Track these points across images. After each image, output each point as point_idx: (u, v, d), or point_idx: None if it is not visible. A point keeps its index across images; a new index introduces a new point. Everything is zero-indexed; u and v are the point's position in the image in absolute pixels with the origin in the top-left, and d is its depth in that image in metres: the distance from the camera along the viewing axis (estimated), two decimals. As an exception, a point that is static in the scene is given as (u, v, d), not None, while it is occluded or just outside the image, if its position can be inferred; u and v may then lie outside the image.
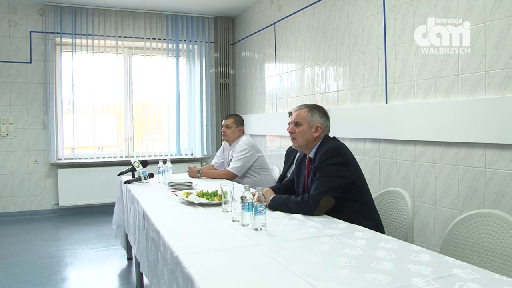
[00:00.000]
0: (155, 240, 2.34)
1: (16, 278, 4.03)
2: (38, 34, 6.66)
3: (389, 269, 1.62)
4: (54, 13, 6.60)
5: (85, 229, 5.88)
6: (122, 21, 6.98)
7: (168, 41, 7.18)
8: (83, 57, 6.83)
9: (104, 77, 7.00)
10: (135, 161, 4.11)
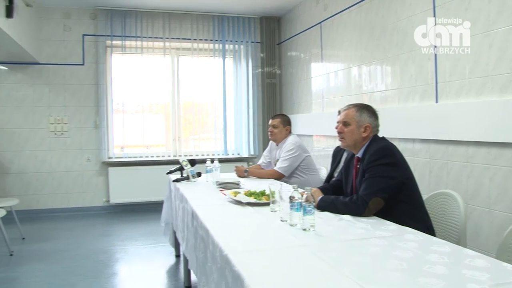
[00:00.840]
0: (204, 238, 2.38)
1: (71, 271, 4.20)
2: (90, 37, 6.90)
3: (442, 274, 1.58)
4: (105, 16, 6.82)
5: (134, 226, 6.04)
6: (170, 23, 7.11)
7: (215, 41, 7.26)
8: (132, 58, 7.02)
9: (152, 77, 7.16)
10: (183, 160, 4.17)
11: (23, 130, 6.69)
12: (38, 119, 6.75)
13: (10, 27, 4.98)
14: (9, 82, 6.69)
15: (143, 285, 3.94)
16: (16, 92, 6.70)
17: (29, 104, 6.72)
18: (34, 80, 6.74)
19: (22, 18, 5.53)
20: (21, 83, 6.72)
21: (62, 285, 3.85)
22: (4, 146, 6.65)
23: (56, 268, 4.29)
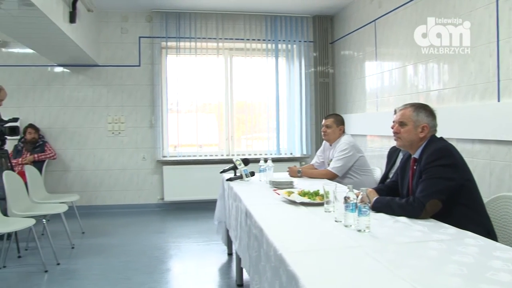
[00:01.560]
0: (258, 237, 2.38)
1: (127, 266, 4.34)
2: (146, 39, 7.10)
3: (507, 281, 1.51)
4: (160, 19, 6.99)
5: (188, 224, 6.16)
6: (223, 23, 7.20)
7: (268, 41, 7.28)
8: (187, 59, 7.15)
9: (206, 78, 7.28)
10: (237, 159, 4.21)
11: (83, 129, 6.99)
12: (97, 119, 7.03)
13: (73, 31, 5.22)
14: (71, 83, 7.01)
15: (196, 281, 4.01)
16: (77, 93, 7.01)
17: (89, 105, 7.01)
18: (94, 81, 7.03)
19: (83, 22, 5.77)
20: (82, 85, 7.03)
21: (119, 279, 3.98)
22: (66, 144, 6.98)
23: (113, 262, 4.45)
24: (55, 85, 7.01)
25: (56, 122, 6.99)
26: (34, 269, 4.29)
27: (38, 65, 6.94)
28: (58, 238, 4.97)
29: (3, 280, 3.83)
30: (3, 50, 6.95)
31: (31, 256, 4.65)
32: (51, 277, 4.07)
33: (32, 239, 4.63)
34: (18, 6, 3.95)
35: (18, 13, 4.16)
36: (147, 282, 3.91)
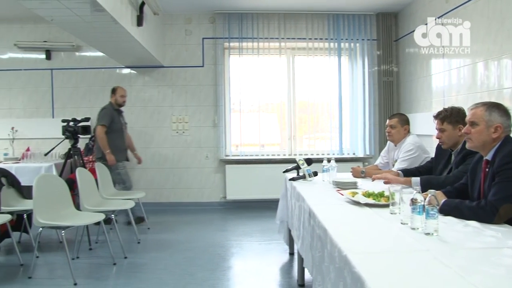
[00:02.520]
0: (322, 237, 2.37)
1: (191, 262, 4.45)
2: (209, 40, 7.25)
3: None
4: (223, 20, 7.11)
5: (249, 223, 6.22)
6: (285, 23, 7.21)
7: (330, 40, 7.21)
8: (249, 59, 7.23)
9: (268, 77, 7.32)
10: (299, 159, 4.19)
11: (149, 128, 7.24)
12: (162, 118, 7.26)
13: (140, 34, 5.43)
14: (137, 84, 7.29)
15: (257, 280, 4.04)
16: (143, 94, 7.28)
17: (154, 105, 7.25)
18: (159, 82, 7.27)
19: (150, 25, 5.98)
20: (148, 85, 7.28)
21: (183, 274, 4.09)
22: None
23: (177, 258, 4.58)
24: (123, 86, 7.28)
25: (124, 121, 7.28)
26: (103, 261, 4.51)
27: (108, 67, 7.28)
28: (125, 233, 5.18)
29: (76, 269, 4.04)
30: (76, 54, 7.34)
31: (101, 249, 4.89)
32: (119, 270, 4.25)
33: (101, 233, 4.87)
34: (90, 12, 4.17)
35: (90, 19, 4.39)
36: (209, 278, 4.00)
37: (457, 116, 3.28)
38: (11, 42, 7.27)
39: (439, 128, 3.30)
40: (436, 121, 3.33)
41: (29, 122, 7.30)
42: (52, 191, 4.26)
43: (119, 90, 6.07)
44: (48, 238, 5.20)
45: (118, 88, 6.10)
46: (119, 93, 6.03)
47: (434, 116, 3.39)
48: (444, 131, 3.28)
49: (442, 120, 3.32)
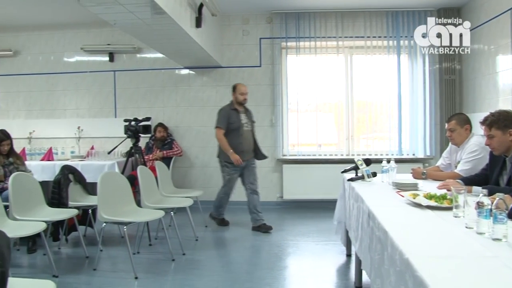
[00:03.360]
0: (381, 239, 2.32)
1: (248, 260, 4.51)
2: (267, 40, 7.28)
3: None
4: (280, 19, 7.12)
5: (306, 223, 6.19)
6: (343, 21, 7.12)
7: (389, 38, 7.05)
8: (306, 58, 7.19)
9: (326, 77, 7.25)
10: (358, 159, 4.12)
11: (207, 128, 7.34)
12: (220, 118, 7.36)
13: (198, 35, 5.54)
14: (196, 84, 7.44)
15: (313, 281, 4.02)
16: (201, 94, 7.42)
17: (212, 104, 7.35)
18: (217, 82, 7.38)
19: (208, 26, 6.09)
20: (206, 86, 7.41)
21: (240, 272, 4.15)
22: (191, 142, 7.42)
23: (234, 256, 4.64)
24: (181, 87, 7.48)
25: (182, 121, 7.47)
26: (162, 257, 4.64)
27: (167, 68, 7.47)
28: (183, 230, 5.30)
29: (137, 264, 4.18)
30: (137, 56, 7.59)
31: (160, 245, 5.03)
32: (177, 266, 4.36)
33: (161, 229, 5.01)
34: (151, 15, 4.30)
35: (151, 21, 4.53)
36: (266, 277, 4.02)
37: (505, 120, 3.08)
38: (78, 46, 7.64)
39: (487, 135, 3.13)
40: (483, 127, 3.15)
41: (94, 121, 7.64)
42: (115, 188, 4.44)
43: (238, 87, 5.83)
44: (110, 232, 5.42)
45: (237, 86, 5.86)
46: (238, 91, 5.80)
47: (481, 122, 3.22)
48: (493, 137, 3.10)
49: (490, 126, 3.13)
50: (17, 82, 7.90)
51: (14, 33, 7.84)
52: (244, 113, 5.84)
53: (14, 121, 7.80)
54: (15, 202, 4.11)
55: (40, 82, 7.84)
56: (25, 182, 4.41)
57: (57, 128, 7.71)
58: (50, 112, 7.84)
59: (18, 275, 1.93)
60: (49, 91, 7.82)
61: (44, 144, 7.40)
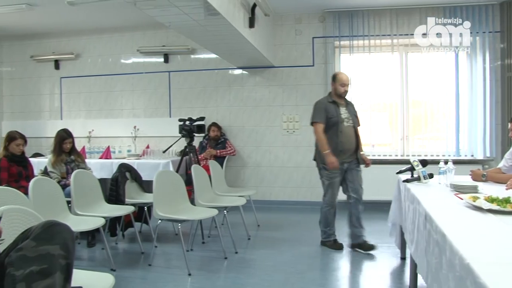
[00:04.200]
0: (439, 243, 2.23)
1: (300, 261, 4.47)
2: (319, 39, 7.23)
3: None
4: (333, 18, 7.04)
5: None
6: (397, 19, 6.95)
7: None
8: (360, 57, 7.08)
9: (380, 76, 7.10)
10: (414, 160, 4.00)
11: (260, 127, 7.40)
12: (273, 118, 7.39)
13: (251, 36, 5.57)
14: (249, 84, 7.49)
15: (367, 283, 3.96)
16: (254, 94, 7.46)
17: (265, 104, 7.40)
18: (270, 82, 7.40)
19: (261, 26, 6.11)
20: (259, 85, 7.45)
21: (292, 273, 4.12)
22: (244, 141, 7.48)
23: (286, 256, 4.63)
24: (235, 87, 7.55)
25: (235, 120, 7.54)
26: (215, 255, 4.70)
27: (220, 69, 7.57)
28: (236, 228, 5.33)
29: (190, 261, 4.26)
30: (191, 56, 7.74)
31: (213, 243, 5.10)
32: (230, 264, 4.40)
33: (214, 227, 5.08)
34: (204, 16, 4.37)
35: (205, 22, 4.60)
36: (318, 278, 4.00)
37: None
38: (134, 48, 7.89)
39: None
40: (510, 124, 2.96)
41: (149, 121, 7.85)
42: (170, 186, 4.54)
43: (339, 76, 4.90)
44: (165, 229, 5.54)
45: (338, 75, 4.94)
46: (339, 81, 4.87)
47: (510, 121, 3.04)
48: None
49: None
50: (78, 84, 8.26)
51: (76, 37, 8.20)
52: (344, 106, 4.95)
53: (75, 120, 8.15)
54: (77, 198, 4.30)
55: (99, 83, 8.16)
56: (86, 179, 4.60)
57: (114, 128, 7.99)
58: (108, 112, 8.14)
59: (79, 267, 2.02)
60: (107, 91, 8.12)
61: (102, 143, 7.68)
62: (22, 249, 1.82)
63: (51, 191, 4.05)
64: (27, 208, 2.55)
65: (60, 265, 1.83)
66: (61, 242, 1.88)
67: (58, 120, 8.28)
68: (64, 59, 8.29)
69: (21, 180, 4.95)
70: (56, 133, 5.26)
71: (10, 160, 4.95)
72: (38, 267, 1.77)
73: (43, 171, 5.20)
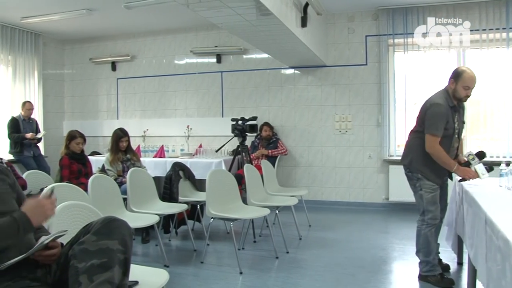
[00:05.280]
0: (502, 249, 2.12)
1: (351, 262, 4.41)
2: (372, 37, 7.10)
3: None
4: (387, 16, 6.89)
5: (413, 226, 5.80)
6: (455, 14, 6.67)
7: (508, 30, 6.45)
8: (415, 55, 6.88)
9: (436, 74, 6.85)
10: (469, 154, 3.73)
11: (312, 127, 7.36)
12: (325, 117, 7.32)
13: (304, 35, 5.55)
14: (301, 84, 7.46)
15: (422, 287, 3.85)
16: (306, 93, 7.42)
17: (317, 104, 7.34)
18: (322, 81, 7.34)
19: (313, 26, 6.07)
20: (311, 85, 7.40)
21: (343, 274, 4.07)
22: (296, 141, 7.46)
23: (338, 257, 4.58)
24: (286, 86, 7.54)
25: (287, 120, 7.52)
26: (266, 254, 4.71)
27: (272, 68, 7.58)
28: (287, 228, 5.33)
29: (242, 259, 4.29)
30: (244, 56, 7.79)
31: (264, 242, 5.12)
32: (280, 264, 4.40)
33: (265, 227, 5.10)
34: (256, 17, 4.39)
35: (257, 23, 4.62)
36: (370, 280, 3.91)
37: None
38: (187, 49, 8.04)
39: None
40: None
41: (202, 121, 7.97)
42: (222, 185, 4.60)
43: (465, 75, 3.72)
44: (217, 228, 5.62)
45: (464, 74, 3.73)
46: (463, 81, 3.72)
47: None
48: None
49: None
50: (133, 84, 8.51)
51: (132, 40, 8.46)
52: (457, 111, 3.83)
53: (130, 120, 8.40)
54: (132, 195, 4.43)
55: (153, 84, 8.37)
56: (141, 177, 4.73)
57: (168, 127, 8.18)
58: (161, 112, 8.33)
59: (134, 262, 2.08)
60: (161, 92, 8.32)
61: (156, 142, 7.88)
62: (83, 243, 1.91)
63: (109, 188, 4.19)
64: (87, 204, 2.65)
65: (119, 260, 1.91)
66: (120, 237, 1.97)
67: (114, 120, 8.57)
68: (120, 60, 8.57)
69: (81, 177, 5.18)
70: (113, 132, 5.45)
71: (70, 158, 5.18)
72: (99, 260, 1.85)
73: (100, 169, 5.41)
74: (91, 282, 1.80)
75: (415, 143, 3.87)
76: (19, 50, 7.88)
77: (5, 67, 7.73)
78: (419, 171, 3.87)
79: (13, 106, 7.69)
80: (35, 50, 8.20)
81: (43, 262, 1.98)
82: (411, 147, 3.93)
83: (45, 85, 8.47)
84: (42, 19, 7.17)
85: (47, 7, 6.68)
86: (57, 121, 8.87)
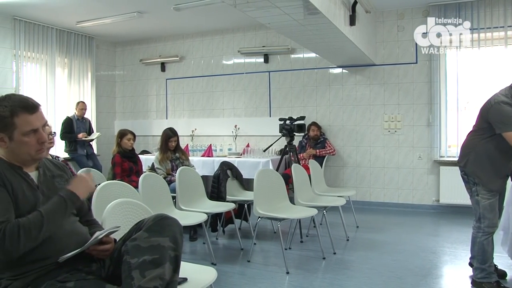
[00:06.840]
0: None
1: (400, 265, 4.31)
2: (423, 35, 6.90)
3: None
4: (438, 12, 6.62)
5: (465, 230, 5.66)
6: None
7: None
8: (468, 52, 6.65)
9: (491, 72, 6.60)
10: None
11: (360, 127, 7.26)
12: (374, 117, 7.21)
13: (352, 34, 5.49)
14: (349, 83, 7.38)
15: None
16: (355, 92, 7.33)
17: (366, 103, 7.24)
18: (371, 80, 7.23)
19: (361, 24, 5.99)
20: (359, 84, 7.31)
21: (391, 277, 3.99)
22: (344, 141, 7.38)
23: (386, 259, 4.49)
24: (334, 86, 7.47)
25: (335, 120, 7.46)
26: (313, 255, 4.69)
27: (320, 68, 7.54)
28: (334, 229, 5.27)
29: (288, 259, 4.29)
30: (291, 56, 7.78)
31: (311, 243, 5.10)
32: (327, 264, 4.37)
33: (312, 227, 5.08)
34: (304, 16, 4.38)
35: (304, 22, 4.61)
36: (420, 285, 3.81)
37: None
38: (235, 49, 8.12)
39: None
40: None
41: (249, 120, 8.03)
42: (270, 185, 4.61)
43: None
44: (264, 227, 5.64)
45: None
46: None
47: None
48: None
49: None
50: (182, 85, 8.68)
51: (181, 40, 8.63)
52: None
53: (179, 120, 8.57)
54: (181, 194, 4.51)
55: (202, 84, 8.50)
56: (189, 176, 4.81)
57: (216, 127, 8.29)
58: (209, 112, 8.45)
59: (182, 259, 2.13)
60: (209, 92, 8.44)
61: (204, 141, 8.01)
62: (136, 239, 1.97)
63: (158, 186, 4.29)
64: (138, 201, 2.72)
65: (170, 257, 1.96)
66: (171, 234, 2.02)
67: (163, 120, 8.77)
68: (169, 61, 8.77)
69: (132, 175, 5.34)
70: (163, 131, 5.58)
71: (122, 156, 5.36)
72: (150, 256, 1.91)
73: (150, 167, 5.55)
74: (143, 278, 1.85)
75: (473, 143, 3.66)
76: (74, 53, 8.23)
77: (62, 69, 8.11)
78: (475, 176, 3.64)
79: (69, 106, 8.05)
80: (89, 53, 8.53)
81: (98, 256, 2.07)
82: (468, 148, 3.71)
83: (98, 86, 8.80)
84: (95, 23, 7.49)
85: (100, 11, 6.97)
86: (109, 121, 9.18)
